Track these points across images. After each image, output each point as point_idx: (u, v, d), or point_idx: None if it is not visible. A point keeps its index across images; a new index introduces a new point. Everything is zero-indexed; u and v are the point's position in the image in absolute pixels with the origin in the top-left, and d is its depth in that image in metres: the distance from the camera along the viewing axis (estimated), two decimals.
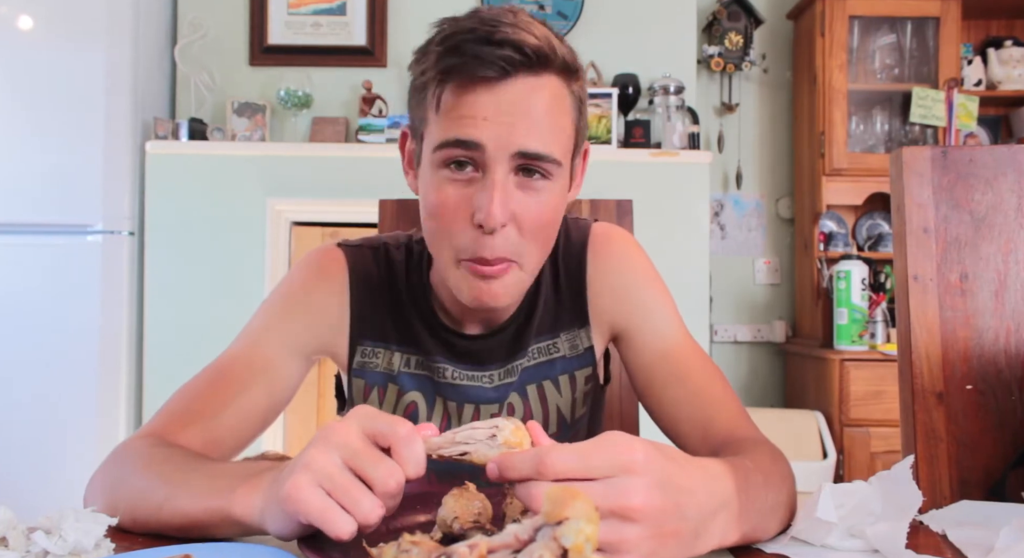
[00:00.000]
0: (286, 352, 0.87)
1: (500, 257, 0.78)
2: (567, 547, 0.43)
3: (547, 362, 0.93)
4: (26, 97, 2.56)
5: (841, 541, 0.66)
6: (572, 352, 0.94)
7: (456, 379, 0.92)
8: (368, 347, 0.92)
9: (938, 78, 3.04)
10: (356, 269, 0.92)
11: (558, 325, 0.93)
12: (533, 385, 0.93)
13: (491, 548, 0.46)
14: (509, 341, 0.92)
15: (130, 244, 2.64)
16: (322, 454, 0.54)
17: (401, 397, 0.92)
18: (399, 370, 0.92)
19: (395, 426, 0.55)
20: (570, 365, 0.94)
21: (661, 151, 2.75)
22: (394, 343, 0.92)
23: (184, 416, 0.80)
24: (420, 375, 0.92)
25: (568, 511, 0.44)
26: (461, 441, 0.58)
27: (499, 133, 0.74)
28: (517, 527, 0.47)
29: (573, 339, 0.94)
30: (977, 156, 0.98)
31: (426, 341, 0.91)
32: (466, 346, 0.91)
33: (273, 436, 2.64)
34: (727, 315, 3.34)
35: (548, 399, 0.93)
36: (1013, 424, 0.94)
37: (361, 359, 0.92)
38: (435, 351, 0.91)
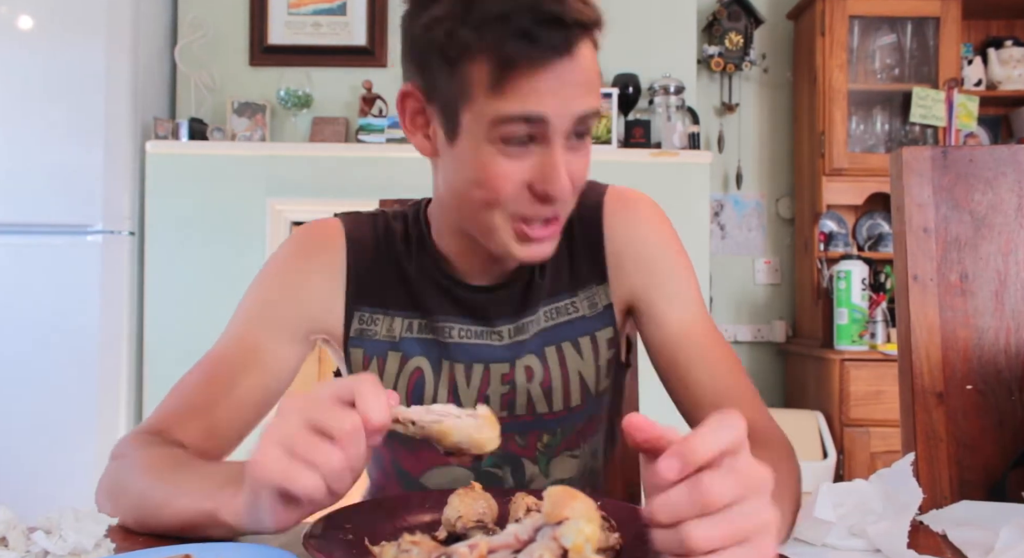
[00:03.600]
0: (278, 336, 0.85)
1: (559, 216, 0.79)
2: (567, 547, 0.43)
3: (566, 322, 0.89)
4: (26, 97, 2.56)
5: (842, 540, 0.66)
6: (591, 311, 0.90)
7: (464, 337, 0.88)
8: (366, 313, 0.88)
9: (938, 78, 3.04)
10: (353, 235, 0.89)
11: (575, 283, 0.90)
12: (552, 347, 0.89)
13: (491, 548, 0.46)
14: (519, 294, 0.89)
15: (130, 244, 2.64)
16: (281, 420, 0.54)
17: (405, 364, 0.88)
18: (401, 335, 0.88)
19: (358, 379, 0.54)
20: (590, 326, 0.90)
21: (661, 151, 2.75)
22: (394, 307, 0.88)
23: (181, 411, 0.80)
24: (425, 339, 0.88)
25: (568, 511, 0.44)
26: (435, 411, 0.58)
27: (562, 104, 0.74)
28: (517, 527, 0.47)
29: (592, 297, 0.90)
30: (977, 156, 0.98)
31: (430, 299, 0.88)
32: (473, 299, 0.88)
33: None
34: (727, 315, 3.34)
35: (569, 363, 0.89)
36: (1013, 424, 0.94)
37: (359, 326, 0.88)
38: (440, 309, 0.88)
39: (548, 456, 0.92)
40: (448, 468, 0.91)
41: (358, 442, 0.53)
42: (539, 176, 0.75)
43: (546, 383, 0.89)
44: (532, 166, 0.75)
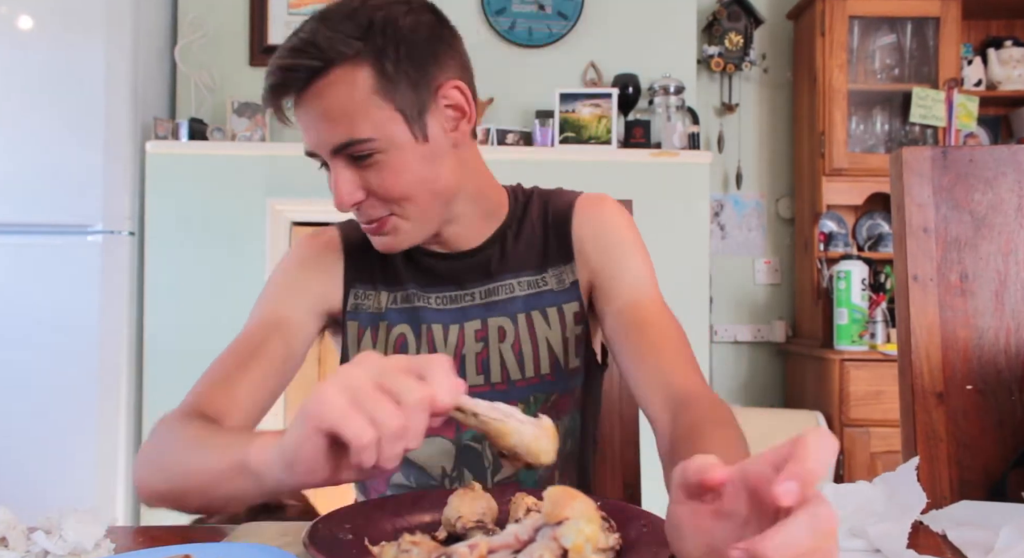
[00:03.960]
0: (296, 306, 0.96)
1: (373, 218, 0.90)
2: (567, 547, 0.43)
3: (536, 294, 0.99)
4: (26, 97, 2.56)
5: (843, 541, 0.66)
6: (559, 286, 0.99)
7: (440, 304, 0.99)
8: (360, 290, 1.00)
9: (938, 78, 3.04)
10: (345, 230, 1.03)
11: (546, 262, 1.00)
12: (523, 315, 0.99)
13: (491, 548, 0.46)
14: (484, 261, 0.99)
15: (130, 244, 2.64)
16: (353, 368, 0.54)
17: (390, 332, 0.99)
18: (387, 307, 1.00)
19: (434, 357, 0.55)
20: (558, 298, 0.99)
21: (661, 151, 2.75)
22: (381, 283, 1.00)
23: (211, 386, 0.87)
24: (405, 308, 0.99)
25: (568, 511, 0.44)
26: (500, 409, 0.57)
27: (315, 139, 0.87)
28: (517, 527, 0.47)
29: (560, 274, 1.00)
30: (977, 156, 0.98)
31: (408, 274, 1.00)
32: (446, 266, 0.99)
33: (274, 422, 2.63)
34: (727, 315, 3.34)
35: (538, 330, 0.98)
36: (1013, 424, 0.94)
37: (354, 301, 1.00)
38: (417, 280, 0.99)
39: None
40: (430, 439, 0.97)
41: (422, 416, 0.53)
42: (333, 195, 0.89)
43: (516, 347, 0.98)
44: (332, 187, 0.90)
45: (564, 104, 2.75)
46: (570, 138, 2.74)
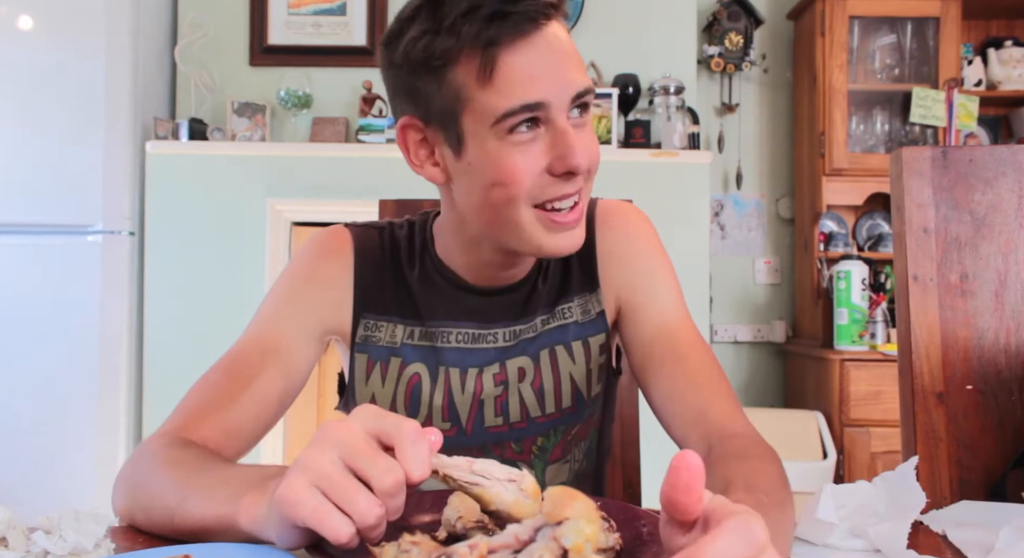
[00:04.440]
0: (297, 333, 0.87)
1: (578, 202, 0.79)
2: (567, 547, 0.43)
3: (559, 327, 0.92)
4: (26, 97, 2.56)
5: (843, 541, 0.66)
6: (584, 317, 0.93)
7: (460, 342, 0.90)
8: (371, 320, 0.91)
9: (938, 78, 3.04)
10: (360, 245, 0.92)
11: (569, 291, 0.93)
12: (546, 351, 0.92)
13: (491, 548, 0.46)
14: (521, 300, 0.91)
15: (130, 244, 2.64)
16: (319, 453, 0.50)
17: (403, 370, 0.91)
18: (402, 342, 0.91)
19: (400, 424, 0.51)
20: (583, 331, 0.92)
21: (661, 151, 2.75)
22: (396, 315, 0.91)
23: (201, 409, 0.79)
24: (422, 346, 0.91)
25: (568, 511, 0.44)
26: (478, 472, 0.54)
27: (556, 84, 0.75)
28: (517, 527, 0.47)
29: (585, 304, 0.93)
30: (977, 156, 0.98)
31: (429, 305, 0.90)
32: (474, 301, 0.90)
33: (273, 437, 2.64)
34: (727, 315, 3.34)
35: (561, 366, 0.92)
36: (1013, 424, 0.94)
37: (364, 332, 0.91)
38: (438, 314, 0.90)
39: (544, 461, 0.94)
40: None
41: (398, 498, 0.50)
42: (555, 156, 0.76)
43: (537, 384, 0.92)
44: (544, 149, 0.76)
45: None
46: None
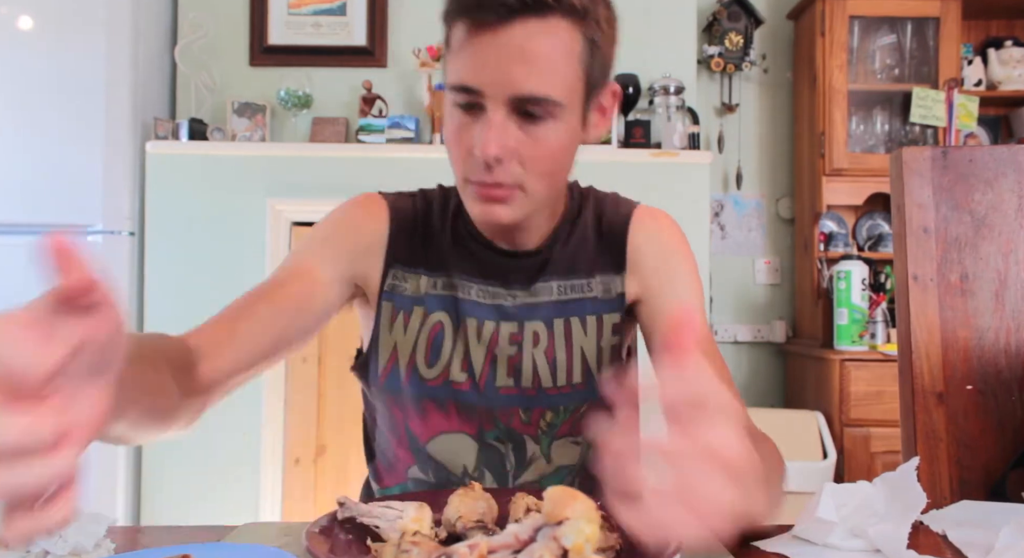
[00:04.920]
0: (327, 266, 0.91)
1: (501, 182, 0.82)
2: (567, 547, 0.43)
3: (578, 300, 0.95)
4: (26, 97, 2.56)
5: (843, 541, 0.66)
6: (604, 295, 0.96)
7: (480, 297, 0.94)
8: (399, 271, 0.95)
9: (938, 78, 3.04)
10: (395, 205, 0.97)
11: (594, 268, 0.96)
12: (560, 320, 0.95)
13: (491, 548, 0.46)
14: (537, 264, 0.95)
15: (130, 244, 2.64)
16: None
17: (427, 318, 0.95)
18: (426, 292, 0.95)
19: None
20: (600, 307, 0.95)
21: (661, 151, 2.75)
22: (423, 268, 0.95)
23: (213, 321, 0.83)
24: (445, 296, 0.95)
25: (568, 511, 0.44)
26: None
27: (496, 78, 0.78)
28: (517, 527, 0.47)
29: (607, 283, 0.96)
30: (977, 156, 0.98)
31: (455, 260, 0.95)
32: (495, 261, 0.94)
33: (273, 436, 2.64)
34: (727, 315, 3.34)
35: (574, 337, 0.95)
36: (1013, 424, 0.94)
37: (392, 282, 0.95)
38: (462, 269, 0.95)
39: (550, 437, 0.96)
40: (452, 435, 0.95)
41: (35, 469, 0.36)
42: (476, 141, 0.80)
43: (550, 353, 0.94)
44: (475, 132, 0.81)
45: None
46: None
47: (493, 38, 0.78)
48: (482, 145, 0.79)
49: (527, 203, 0.86)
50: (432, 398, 0.94)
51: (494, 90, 0.79)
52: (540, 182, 0.84)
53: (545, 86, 0.79)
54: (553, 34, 0.78)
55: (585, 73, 0.82)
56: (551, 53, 0.79)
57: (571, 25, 0.80)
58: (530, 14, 0.77)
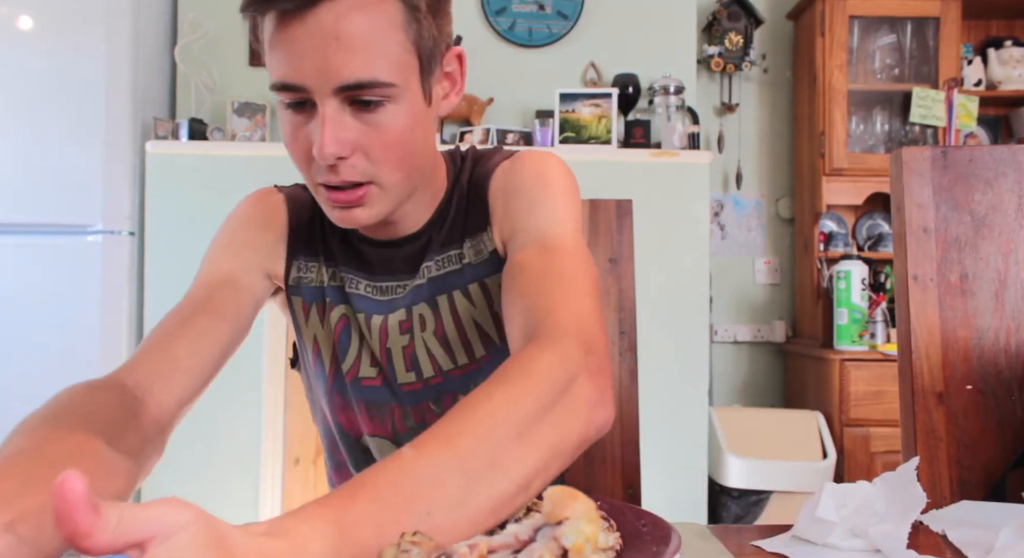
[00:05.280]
0: (243, 267, 0.87)
1: (350, 181, 0.76)
2: (567, 547, 0.43)
3: (454, 271, 0.88)
4: (26, 97, 2.56)
5: (843, 540, 0.66)
6: (477, 258, 0.87)
7: (368, 292, 0.89)
8: (303, 262, 0.91)
9: (938, 78, 3.04)
10: (291, 196, 0.93)
11: (464, 233, 0.88)
12: (443, 296, 0.88)
13: (491, 548, 0.46)
14: (420, 247, 0.88)
15: (130, 244, 2.64)
16: None
17: (331, 311, 0.91)
18: (327, 283, 0.91)
19: None
20: (478, 272, 0.87)
21: (661, 151, 2.75)
22: (322, 256, 0.91)
23: (142, 352, 0.77)
24: (339, 287, 0.91)
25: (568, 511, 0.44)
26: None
27: (317, 69, 0.71)
28: (517, 527, 0.47)
29: (477, 244, 0.88)
30: (977, 156, 0.98)
31: (342, 255, 0.90)
32: (373, 253, 0.89)
33: (274, 435, 2.64)
34: (727, 315, 3.34)
35: (460, 310, 0.88)
36: (1013, 424, 0.94)
37: (297, 274, 0.91)
38: (350, 265, 0.90)
39: None
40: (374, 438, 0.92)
41: None
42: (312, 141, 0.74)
43: (440, 332, 0.88)
44: (309, 133, 0.75)
45: (564, 104, 2.75)
46: (570, 138, 2.74)
47: (301, 26, 0.70)
48: (319, 146, 0.72)
49: (386, 197, 0.79)
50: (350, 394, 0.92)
51: (317, 83, 0.71)
52: (394, 172, 0.77)
53: (370, 69, 0.71)
54: (366, 9, 0.71)
55: (415, 44, 0.75)
56: (369, 31, 0.71)
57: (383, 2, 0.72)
58: None
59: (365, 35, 0.71)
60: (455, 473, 0.50)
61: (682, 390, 2.59)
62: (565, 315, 0.67)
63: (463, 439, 0.52)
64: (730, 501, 2.74)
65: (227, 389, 0.89)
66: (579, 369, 0.61)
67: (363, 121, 0.74)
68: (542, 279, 0.73)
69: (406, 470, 0.49)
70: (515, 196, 0.85)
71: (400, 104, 0.75)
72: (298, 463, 2.66)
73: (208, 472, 2.63)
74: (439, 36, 0.78)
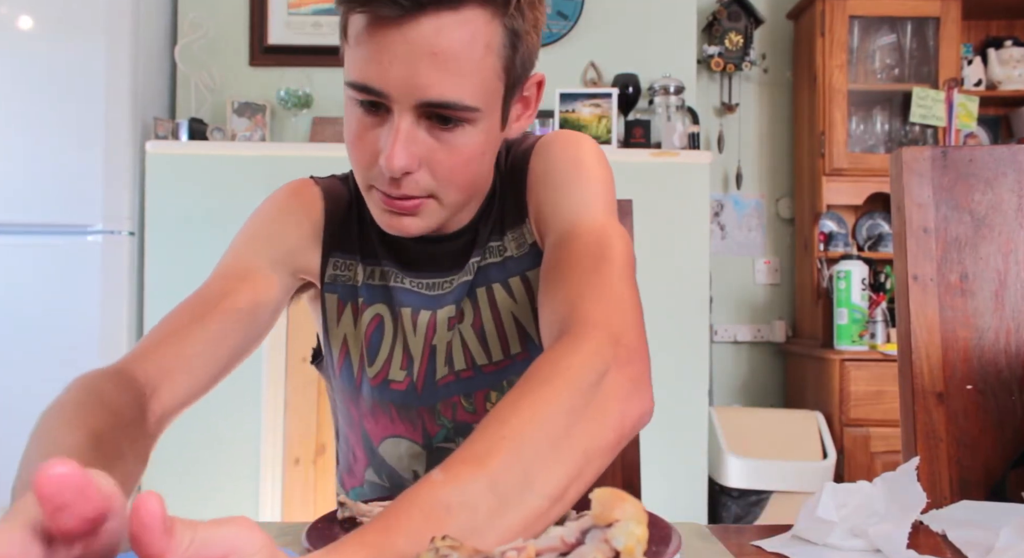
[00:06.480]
0: (267, 262, 0.84)
1: (409, 195, 0.74)
2: (619, 549, 0.43)
3: (495, 264, 0.86)
4: (26, 97, 2.56)
5: (843, 540, 0.66)
6: (519, 251, 0.85)
7: (413, 286, 0.87)
8: (339, 259, 0.88)
9: (938, 78, 3.04)
10: (328, 190, 0.90)
11: (504, 225, 0.86)
12: (483, 288, 0.86)
13: (538, 551, 0.46)
14: (466, 242, 0.86)
15: (130, 244, 2.64)
16: None
17: (365, 310, 0.88)
18: (362, 282, 0.88)
19: None
20: (520, 265, 0.85)
21: (661, 151, 2.75)
22: (359, 254, 0.88)
23: (152, 343, 0.75)
24: (379, 286, 0.88)
25: (617, 513, 0.44)
26: None
27: (404, 80, 0.68)
28: (562, 530, 0.47)
29: (518, 237, 0.86)
30: (977, 156, 0.98)
31: (382, 249, 0.87)
32: (422, 250, 0.86)
33: (274, 435, 2.64)
34: (727, 315, 3.34)
35: (499, 305, 0.85)
36: (1013, 424, 0.94)
37: (333, 271, 0.88)
38: (393, 259, 0.87)
39: None
40: (399, 439, 0.90)
41: None
42: (381, 148, 0.72)
43: (477, 326, 0.86)
44: (378, 139, 0.72)
45: (564, 104, 2.75)
46: None
47: (398, 33, 0.67)
48: (387, 157, 0.70)
49: (440, 212, 0.77)
50: (375, 398, 0.89)
51: (401, 94, 0.69)
52: (456, 193, 0.76)
53: (459, 90, 0.69)
54: (468, 27, 0.68)
55: (505, 69, 0.73)
56: (465, 51, 0.68)
57: (489, 15, 0.69)
58: (442, 5, 0.67)
59: (461, 55, 0.68)
60: (486, 496, 0.49)
61: (682, 390, 2.59)
62: (591, 307, 0.65)
63: (492, 459, 0.51)
64: (730, 501, 2.74)
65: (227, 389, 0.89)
66: (608, 363, 0.59)
67: (436, 138, 0.72)
68: (570, 271, 0.71)
69: (437, 499, 0.49)
70: (546, 186, 0.82)
71: (477, 127, 0.73)
72: (298, 463, 2.66)
73: (208, 472, 2.63)
74: (528, 63, 0.76)
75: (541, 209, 0.82)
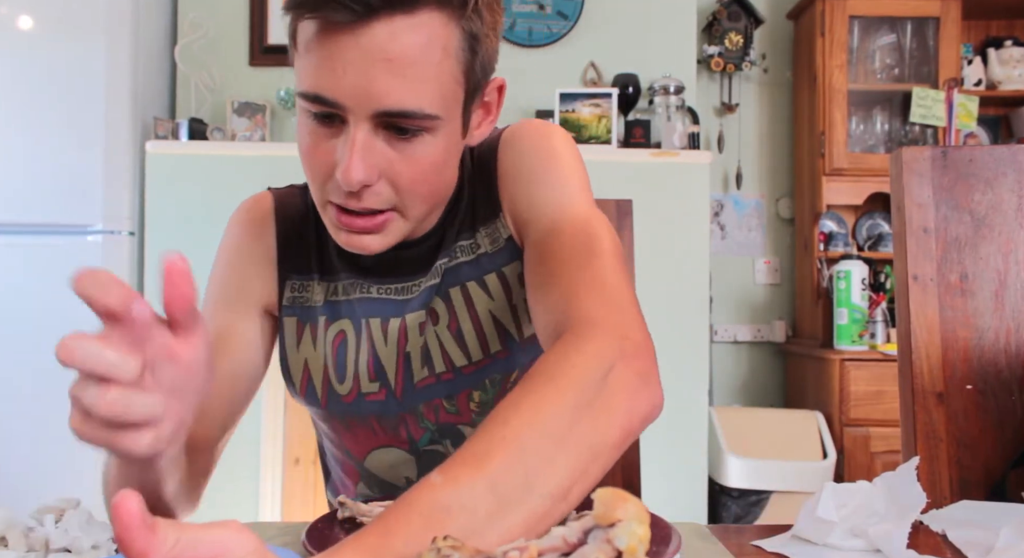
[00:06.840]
0: (238, 314, 0.84)
1: (370, 209, 0.71)
2: (621, 549, 0.43)
3: (469, 262, 0.83)
4: (26, 97, 2.56)
5: (843, 540, 0.66)
6: (494, 247, 0.82)
7: (382, 294, 0.85)
8: (296, 281, 0.86)
9: (938, 78, 3.04)
10: (280, 207, 0.88)
11: (476, 222, 0.83)
12: (456, 288, 0.83)
13: (540, 551, 0.46)
14: (433, 245, 0.83)
15: (130, 244, 2.64)
16: None
17: (329, 327, 0.86)
18: (326, 299, 0.86)
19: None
20: (495, 261, 0.82)
21: (661, 151, 2.75)
22: (317, 273, 0.86)
23: None
24: (342, 301, 0.86)
25: (620, 513, 0.44)
26: None
27: (358, 88, 0.65)
28: (564, 530, 0.47)
29: (492, 232, 0.83)
30: (977, 156, 0.98)
31: (340, 263, 0.85)
32: (383, 257, 0.81)
33: (274, 435, 2.64)
34: (727, 315, 3.34)
35: (476, 303, 0.82)
36: (1013, 424, 0.94)
37: (291, 294, 0.86)
38: (352, 270, 0.85)
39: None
40: (385, 449, 0.89)
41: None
42: (337, 161, 0.68)
43: (454, 327, 0.83)
44: (333, 150, 0.69)
45: (564, 104, 2.75)
46: None
47: (351, 39, 0.64)
48: (344, 170, 0.67)
49: (404, 226, 0.75)
50: (352, 415, 0.87)
51: (356, 104, 0.66)
52: (419, 204, 0.73)
53: (417, 98, 0.66)
54: (423, 31, 0.65)
55: (465, 74, 0.70)
56: (422, 56, 0.65)
57: (445, 18, 0.66)
58: (395, 9, 0.64)
59: (418, 60, 0.65)
60: (485, 497, 0.49)
61: (682, 390, 2.59)
62: (589, 304, 0.64)
63: (492, 460, 0.50)
64: (730, 501, 2.74)
65: None
66: (614, 358, 0.58)
67: (395, 149, 0.69)
68: (560, 267, 0.69)
69: (436, 501, 0.48)
70: (520, 179, 0.80)
71: (437, 135, 0.70)
72: (298, 463, 2.66)
73: None
74: (488, 67, 0.73)
75: (517, 203, 0.80)
